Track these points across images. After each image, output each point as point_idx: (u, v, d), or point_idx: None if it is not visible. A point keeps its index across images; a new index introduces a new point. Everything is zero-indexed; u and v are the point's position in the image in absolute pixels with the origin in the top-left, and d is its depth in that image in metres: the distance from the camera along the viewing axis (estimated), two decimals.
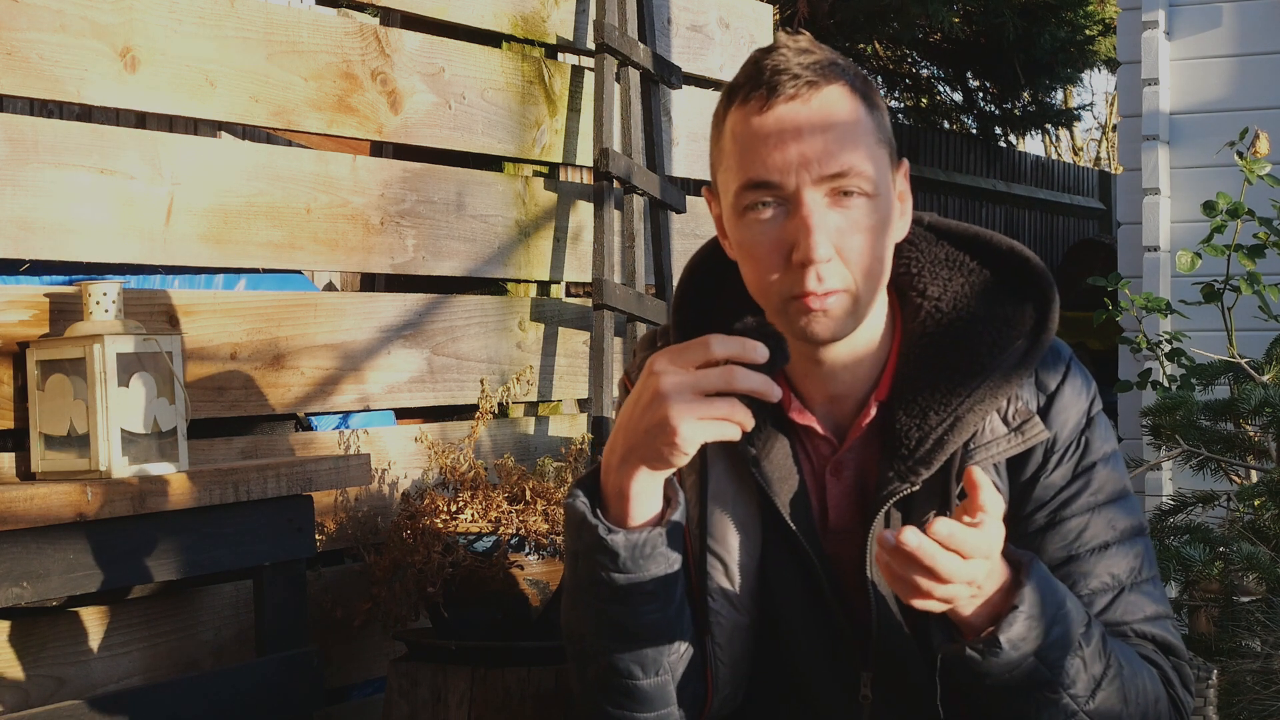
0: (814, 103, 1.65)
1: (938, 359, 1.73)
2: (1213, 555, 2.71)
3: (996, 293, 1.76)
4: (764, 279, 1.68)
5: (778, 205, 1.65)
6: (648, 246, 3.59)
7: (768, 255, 1.66)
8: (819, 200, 1.64)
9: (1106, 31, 10.63)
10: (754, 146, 1.65)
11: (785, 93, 1.64)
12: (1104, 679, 1.63)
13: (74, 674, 2.47)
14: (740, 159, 1.67)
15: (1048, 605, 1.59)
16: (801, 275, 1.64)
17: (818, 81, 1.65)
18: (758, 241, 1.67)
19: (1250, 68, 5.22)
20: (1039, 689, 1.60)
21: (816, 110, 1.64)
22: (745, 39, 4.06)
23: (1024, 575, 1.59)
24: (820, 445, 1.77)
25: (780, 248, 1.65)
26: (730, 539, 1.75)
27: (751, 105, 1.66)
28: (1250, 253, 3.42)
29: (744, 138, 1.66)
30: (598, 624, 1.68)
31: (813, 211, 1.63)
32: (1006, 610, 1.57)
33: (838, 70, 1.68)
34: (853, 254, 1.65)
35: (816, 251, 1.63)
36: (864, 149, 1.66)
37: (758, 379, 1.53)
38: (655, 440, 1.55)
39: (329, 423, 3.09)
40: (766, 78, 1.65)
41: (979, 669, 1.58)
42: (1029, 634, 1.57)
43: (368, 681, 3.01)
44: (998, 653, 1.56)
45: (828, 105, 1.65)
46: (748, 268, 1.70)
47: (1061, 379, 1.76)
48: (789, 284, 1.65)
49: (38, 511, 2.17)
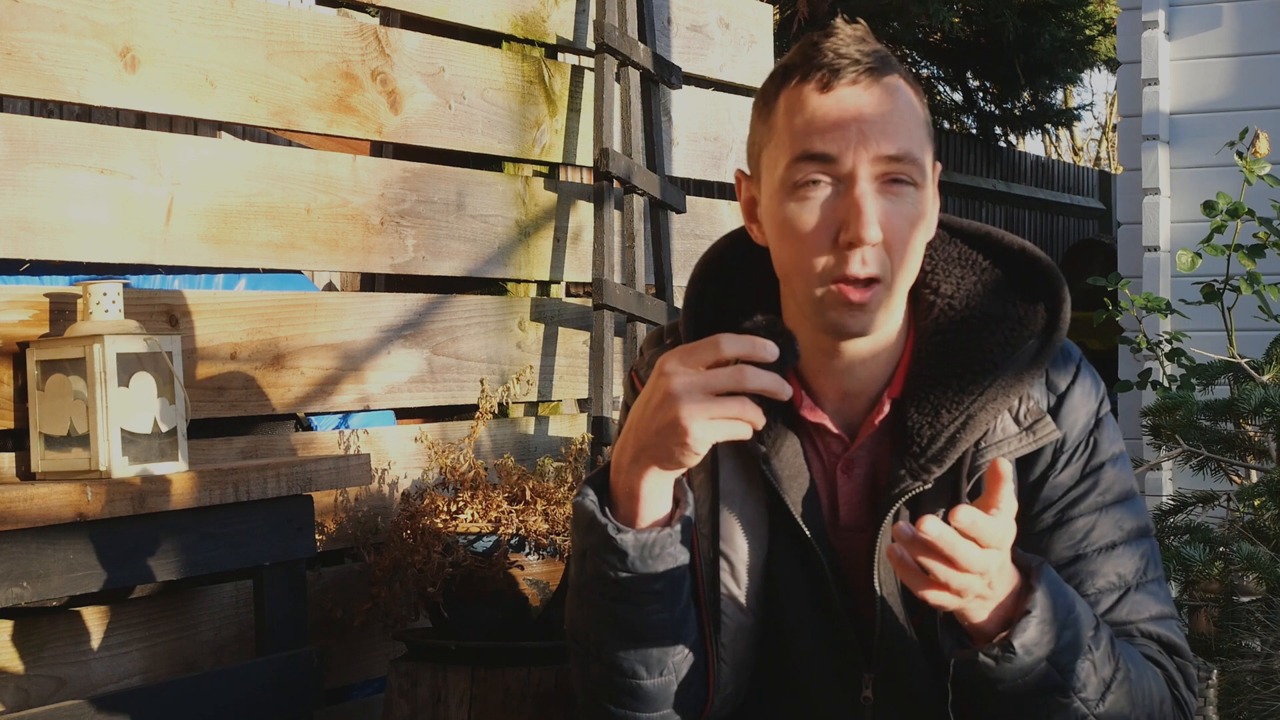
0: (877, 89, 1.66)
1: (950, 357, 1.73)
2: (1213, 555, 2.71)
3: (1008, 292, 1.76)
4: (805, 259, 1.67)
5: (831, 183, 1.65)
6: (648, 246, 3.59)
7: (814, 234, 1.65)
8: (871, 184, 1.64)
9: (1106, 31, 10.64)
10: (813, 121, 1.65)
11: (848, 76, 1.65)
12: (1113, 681, 1.63)
13: (74, 674, 2.47)
14: (796, 132, 1.66)
15: (1059, 609, 1.59)
16: (846, 257, 1.64)
17: (879, 69, 1.66)
18: (804, 220, 1.66)
19: (1250, 68, 5.22)
20: (1051, 693, 1.60)
21: (880, 96, 1.66)
22: (745, 39, 4.06)
23: (1034, 579, 1.59)
24: (831, 443, 1.77)
25: (828, 227, 1.65)
26: (738, 539, 1.75)
27: (812, 83, 1.66)
28: (1250, 253, 3.42)
29: (802, 112, 1.66)
30: (603, 623, 1.67)
31: (865, 193, 1.63)
32: (1019, 615, 1.57)
33: (894, 64, 1.70)
34: (896, 242, 1.66)
35: (867, 231, 1.62)
36: (918, 141, 1.67)
37: (768, 378, 1.53)
38: (666, 440, 1.55)
39: (329, 423, 3.09)
40: (829, 60, 1.66)
41: (992, 675, 1.58)
42: (1042, 638, 1.57)
43: (368, 681, 3.00)
44: (1011, 658, 1.56)
45: (890, 92, 1.66)
46: (787, 246, 1.68)
47: (1072, 379, 1.76)
48: (832, 266, 1.65)
49: (38, 511, 2.17)
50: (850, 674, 1.76)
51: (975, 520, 1.48)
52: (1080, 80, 11.83)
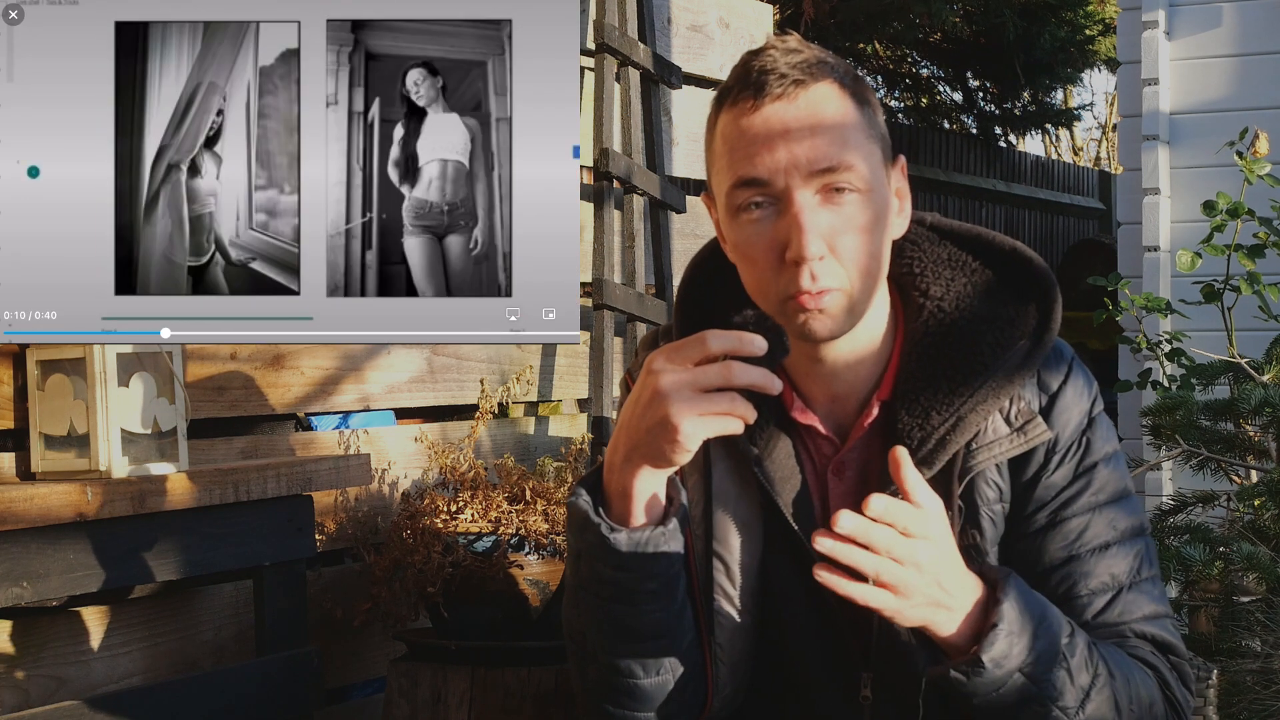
0: (801, 101, 1.65)
1: (940, 359, 1.73)
2: (1213, 555, 2.71)
3: (999, 293, 1.76)
4: (760, 280, 1.68)
5: (769, 204, 1.65)
6: (648, 246, 3.59)
7: (762, 255, 1.66)
8: (810, 198, 1.64)
9: (1106, 31, 10.64)
10: (742, 146, 1.65)
11: (772, 92, 1.64)
12: (1092, 688, 1.63)
13: (74, 674, 2.47)
14: (730, 159, 1.67)
15: (1028, 620, 1.59)
16: (795, 274, 1.64)
17: (805, 80, 1.65)
18: (751, 242, 1.67)
19: (1250, 68, 5.22)
20: (1028, 704, 1.60)
21: (804, 108, 1.64)
22: (745, 39, 4.06)
23: (1000, 592, 1.59)
24: (822, 445, 1.77)
25: (774, 247, 1.65)
26: (733, 539, 1.75)
27: (740, 106, 1.66)
28: (1250, 253, 3.42)
29: (733, 139, 1.67)
30: (599, 623, 1.67)
31: (803, 209, 1.63)
32: (987, 629, 1.57)
33: (826, 68, 1.68)
34: (846, 252, 1.65)
35: (808, 249, 1.62)
36: (854, 145, 1.66)
37: (757, 373, 1.53)
38: (657, 439, 1.55)
39: (329, 423, 3.09)
40: (754, 78, 1.66)
41: (965, 689, 1.58)
42: (1011, 650, 1.57)
43: (368, 681, 3.01)
44: (981, 672, 1.57)
45: (815, 103, 1.65)
46: (744, 269, 1.70)
47: (1063, 379, 1.76)
48: (784, 283, 1.65)
49: (38, 511, 2.17)
50: (848, 674, 1.76)
51: (888, 507, 1.49)
52: (1080, 80, 11.83)
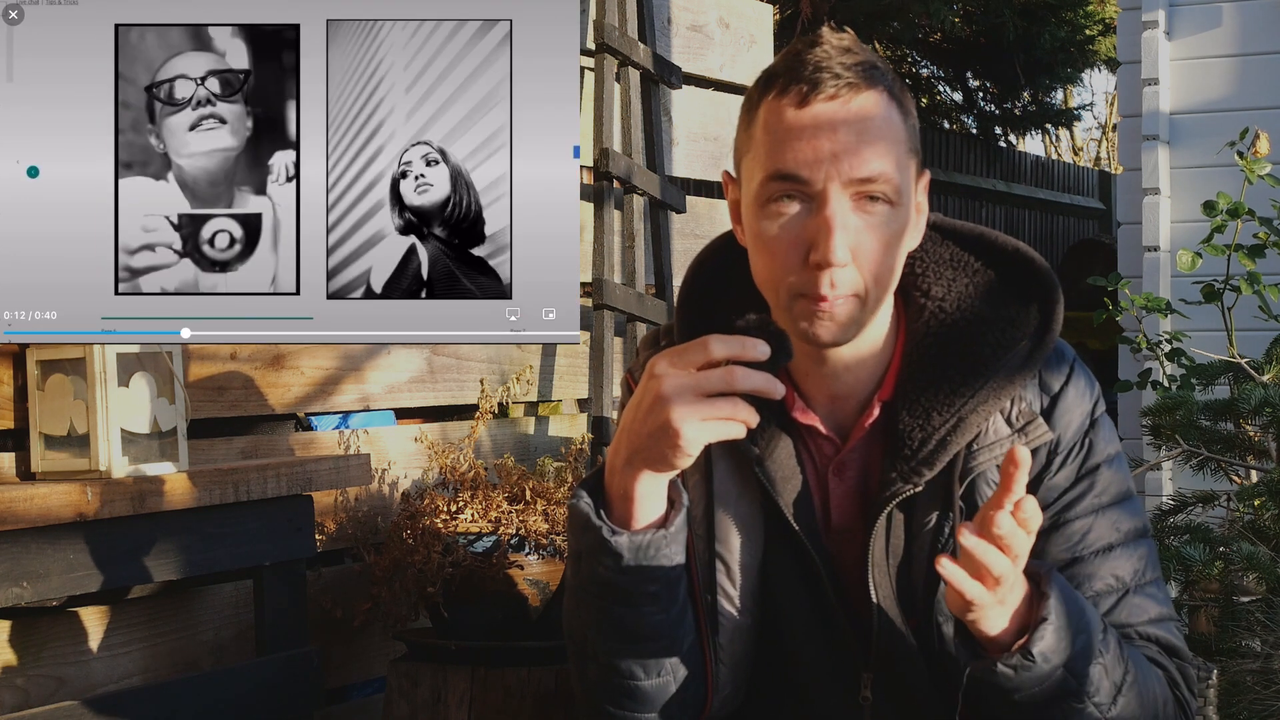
0: (853, 105, 1.63)
1: (941, 359, 1.72)
2: (1213, 555, 2.71)
3: (1001, 293, 1.75)
4: (774, 273, 1.66)
5: (802, 201, 1.64)
6: (648, 246, 3.59)
7: (785, 251, 1.65)
8: (844, 203, 1.63)
9: (1106, 31, 10.64)
10: (787, 139, 1.63)
11: (826, 91, 1.63)
12: (1124, 684, 1.63)
13: (74, 674, 2.47)
14: (770, 149, 1.65)
15: (1072, 615, 1.59)
16: (816, 277, 1.63)
17: (859, 84, 1.64)
18: (776, 236, 1.65)
19: (1250, 68, 5.22)
20: (1066, 699, 1.59)
21: (855, 113, 1.63)
22: (745, 39, 4.06)
23: (1046, 585, 1.58)
24: (823, 445, 1.77)
25: (799, 245, 1.64)
26: (733, 540, 1.75)
27: (790, 97, 1.64)
28: (1250, 253, 3.42)
29: (778, 129, 1.64)
30: (600, 624, 1.67)
31: (836, 213, 1.62)
32: (1034, 623, 1.56)
33: (878, 75, 1.66)
34: (867, 259, 1.64)
35: (835, 254, 1.61)
36: (894, 157, 1.64)
37: (759, 378, 1.52)
38: (658, 443, 1.54)
39: (329, 423, 3.09)
40: (808, 73, 1.64)
41: (1010, 684, 1.57)
42: (1058, 645, 1.56)
43: (368, 681, 3.01)
44: (1030, 666, 1.55)
45: (865, 109, 1.63)
46: (760, 260, 1.68)
47: (1065, 380, 1.76)
48: (801, 282, 1.64)
49: (38, 511, 2.17)
50: (848, 674, 1.76)
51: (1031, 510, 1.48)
52: (1080, 80, 11.83)
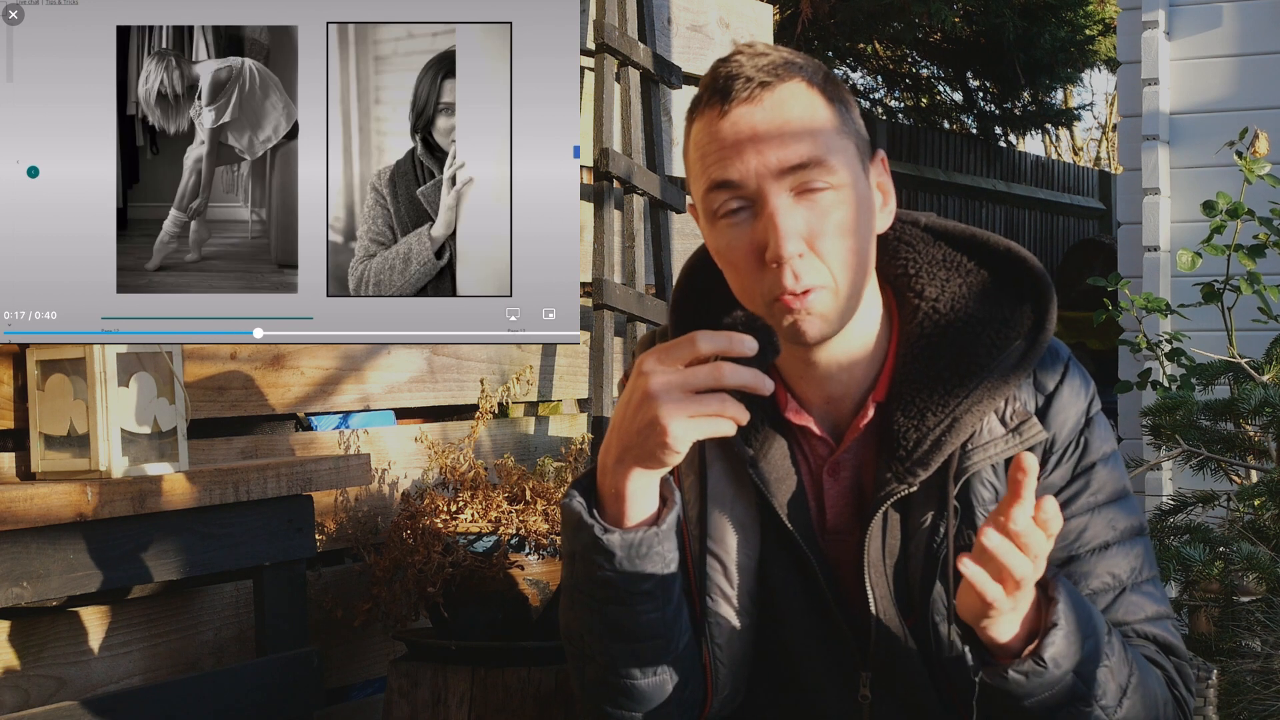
0: (767, 102, 1.65)
1: (935, 360, 1.73)
2: (1213, 555, 2.71)
3: (994, 294, 1.76)
4: (744, 283, 1.68)
5: (745, 207, 1.65)
6: (648, 246, 3.59)
7: (743, 259, 1.66)
8: (784, 198, 1.64)
9: (1106, 31, 10.65)
10: (714, 150, 1.66)
11: (740, 95, 1.65)
12: (1129, 686, 1.63)
13: (74, 674, 2.47)
14: (703, 165, 1.67)
15: (1081, 619, 1.59)
16: (777, 275, 1.64)
17: (770, 81, 1.66)
18: (732, 246, 1.67)
19: (1250, 68, 5.22)
20: (1074, 704, 1.59)
21: (770, 109, 1.65)
22: (745, 39, 4.06)
23: (1054, 590, 1.58)
24: (817, 446, 1.77)
25: (753, 250, 1.65)
26: (729, 539, 1.75)
27: (709, 113, 1.67)
28: (1250, 253, 3.42)
29: (706, 144, 1.67)
30: (596, 624, 1.68)
31: (777, 209, 1.63)
32: (1044, 628, 1.56)
33: (793, 68, 1.68)
34: (826, 248, 1.65)
35: (785, 248, 1.62)
36: (824, 142, 1.65)
37: (747, 373, 1.53)
38: (647, 440, 1.54)
39: (329, 423, 3.09)
40: (720, 84, 1.66)
41: (1021, 690, 1.57)
42: (1069, 650, 1.56)
43: (368, 681, 3.01)
44: (1042, 673, 1.55)
45: (781, 102, 1.65)
46: (731, 276, 1.70)
47: (1060, 379, 1.76)
48: (768, 285, 1.65)
49: (38, 511, 2.17)
50: (847, 674, 1.76)
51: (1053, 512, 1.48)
52: (1080, 80, 11.84)
